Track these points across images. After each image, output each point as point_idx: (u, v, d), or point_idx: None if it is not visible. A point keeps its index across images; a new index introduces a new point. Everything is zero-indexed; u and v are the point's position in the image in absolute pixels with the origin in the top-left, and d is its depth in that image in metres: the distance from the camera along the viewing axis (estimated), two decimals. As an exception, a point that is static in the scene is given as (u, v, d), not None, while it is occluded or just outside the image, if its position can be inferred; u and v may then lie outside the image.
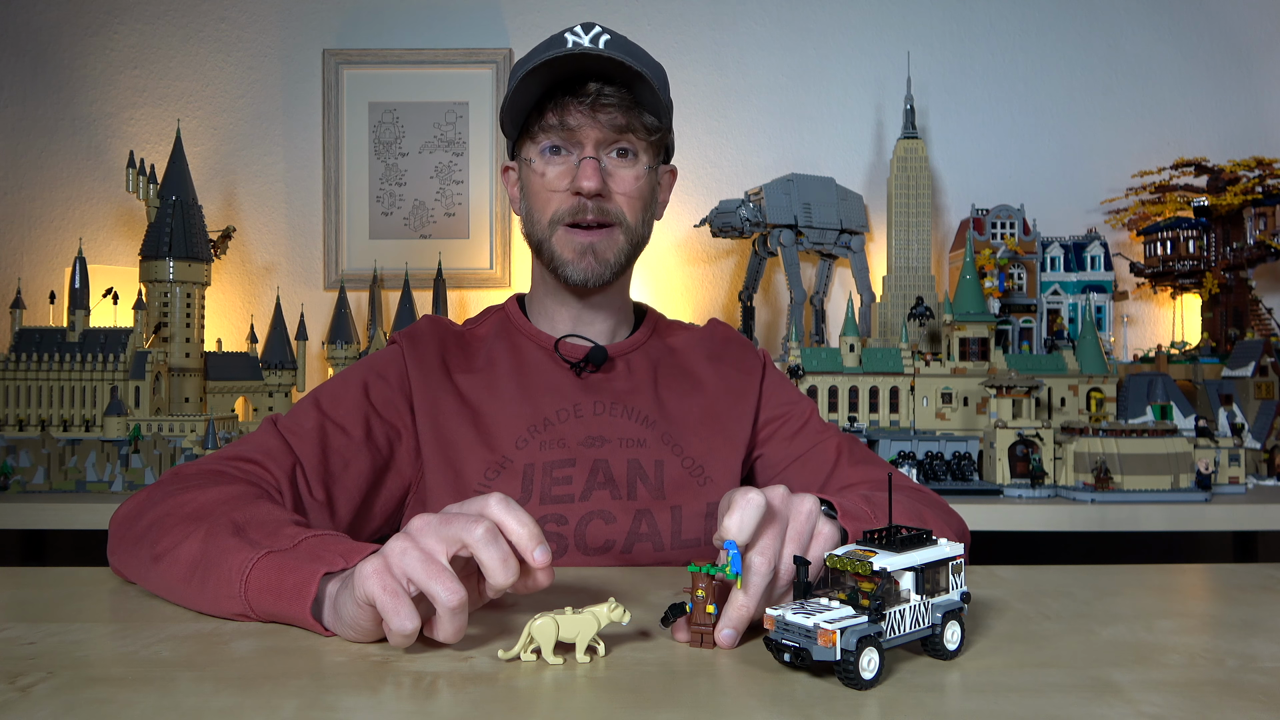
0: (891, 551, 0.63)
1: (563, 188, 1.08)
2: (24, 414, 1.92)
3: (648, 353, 1.19)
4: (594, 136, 1.06)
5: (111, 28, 2.48)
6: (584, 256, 1.09)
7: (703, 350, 1.21)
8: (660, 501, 1.08)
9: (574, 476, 1.07)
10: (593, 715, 0.55)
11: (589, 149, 1.06)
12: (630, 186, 1.09)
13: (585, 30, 1.06)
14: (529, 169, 1.10)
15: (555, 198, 1.08)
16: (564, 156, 1.08)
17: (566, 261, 1.09)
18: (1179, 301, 2.43)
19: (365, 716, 0.54)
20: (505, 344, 1.16)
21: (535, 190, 1.10)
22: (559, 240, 1.09)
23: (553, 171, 1.08)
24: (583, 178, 1.05)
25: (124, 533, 0.90)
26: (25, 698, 0.57)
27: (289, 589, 0.73)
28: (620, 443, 1.09)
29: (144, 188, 2.13)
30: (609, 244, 1.10)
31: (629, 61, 1.01)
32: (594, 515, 1.06)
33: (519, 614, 0.76)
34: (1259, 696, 0.58)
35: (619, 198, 1.09)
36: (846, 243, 2.33)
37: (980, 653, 0.66)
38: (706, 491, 1.10)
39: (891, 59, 2.46)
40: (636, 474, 1.08)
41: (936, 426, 1.95)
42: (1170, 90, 2.49)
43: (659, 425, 1.12)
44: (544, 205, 1.09)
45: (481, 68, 2.47)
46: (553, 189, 1.08)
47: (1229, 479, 1.76)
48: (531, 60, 1.05)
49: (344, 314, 2.31)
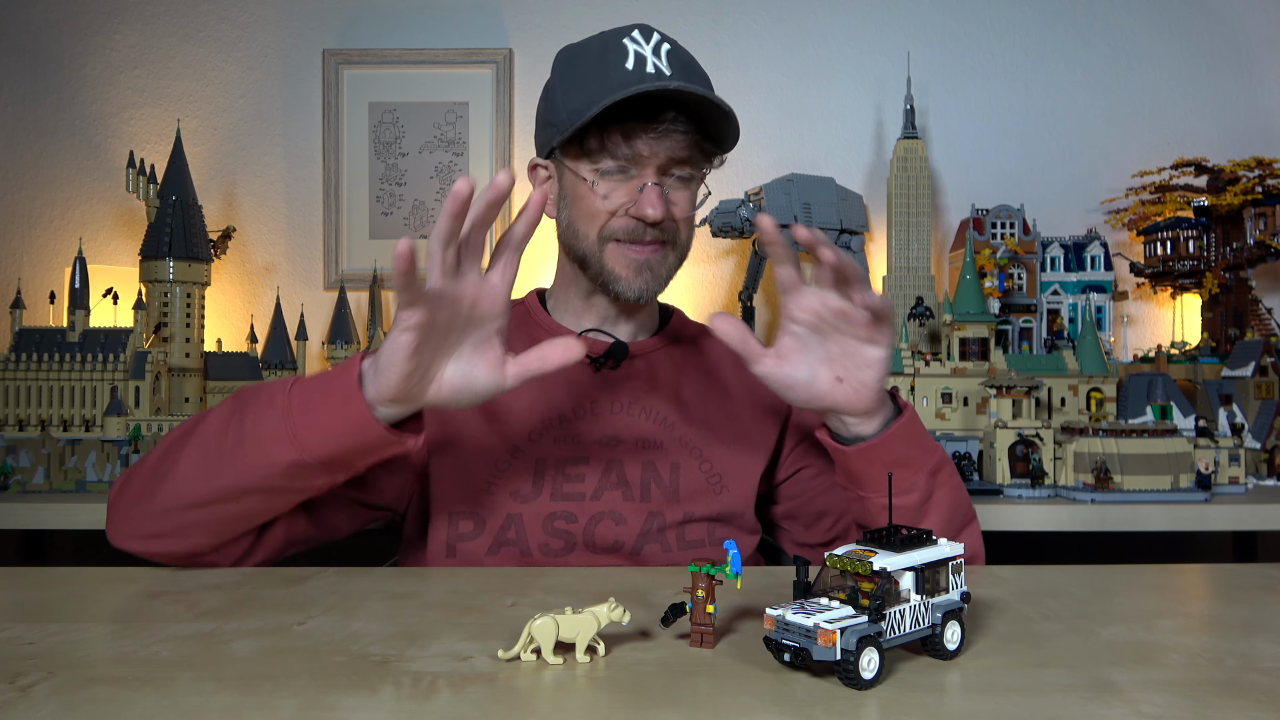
0: (891, 551, 0.63)
1: (620, 206, 1.05)
2: (24, 414, 1.92)
3: (671, 354, 1.17)
4: (656, 163, 1.03)
5: (111, 28, 2.48)
6: (640, 274, 1.07)
7: (730, 355, 1.18)
8: (674, 505, 1.07)
9: (586, 475, 1.06)
10: (593, 715, 0.55)
11: (651, 174, 1.04)
12: (686, 210, 1.08)
13: (645, 37, 1.03)
14: (580, 183, 1.06)
15: (610, 216, 1.06)
16: (623, 178, 1.04)
17: (619, 278, 1.07)
18: (1179, 301, 2.43)
19: (365, 716, 0.54)
20: (523, 337, 1.13)
21: (586, 206, 1.06)
22: (611, 256, 1.07)
23: (614, 193, 1.05)
24: (646, 204, 1.02)
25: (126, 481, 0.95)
26: (25, 698, 0.57)
27: (335, 377, 0.83)
28: (636, 444, 1.08)
29: (144, 188, 2.13)
30: (663, 260, 1.08)
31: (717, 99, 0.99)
32: (604, 515, 1.05)
33: (519, 614, 0.76)
34: (1259, 696, 0.58)
35: (677, 218, 1.07)
36: (846, 243, 2.33)
37: (980, 653, 0.66)
38: (722, 500, 1.08)
39: (891, 59, 2.46)
40: (651, 477, 1.07)
41: (936, 426, 1.95)
42: (1170, 90, 2.48)
43: (678, 428, 1.10)
44: (593, 220, 1.06)
45: (481, 68, 2.47)
46: (610, 210, 1.05)
47: (1229, 479, 1.76)
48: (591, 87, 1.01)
49: (344, 314, 2.31)
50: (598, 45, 1.05)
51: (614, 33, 1.05)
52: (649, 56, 1.02)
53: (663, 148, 1.02)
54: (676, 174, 1.06)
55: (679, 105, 1.01)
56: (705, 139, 1.05)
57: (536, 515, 1.05)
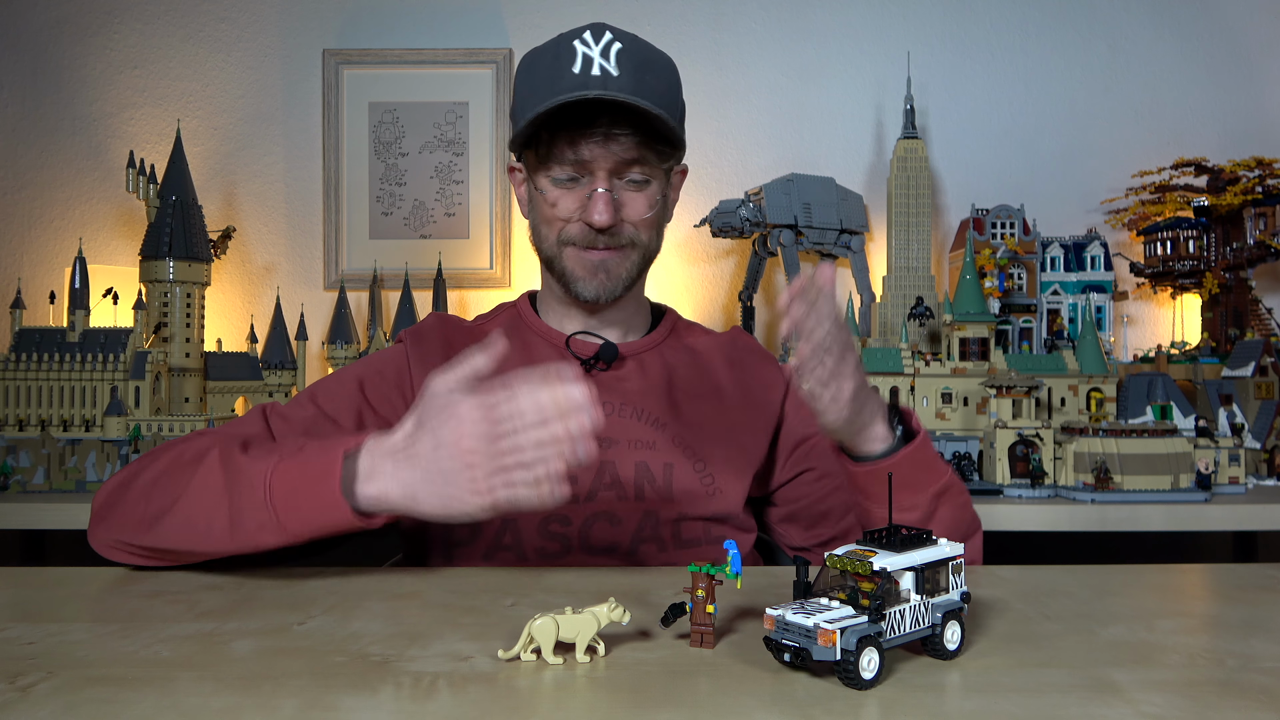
0: (891, 551, 0.63)
1: (574, 216, 1.07)
2: (24, 414, 1.92)
3: (663, 353, 1.17)
4: (606, 167, 1.05)
5: (111, 28, 2.48)
6: (595, 274, 1.09)
7: (722, 356, 1.20)
8: (668, 505, 1.07)
9: (579, 477, 1.06)
10: (593, 715, 0.55)
11: (600, 180, 1.05)
12: (643, 212, 1.09)
13: (595, 38, 1.03)
14: (537, 193, 1.09)
15: (563, 223, 1.08)
16: (574, 185, 1.06)
17: (578, 278, 1.09)
18: (1179, 301, 2.43)
19: (365, 716, 0.54)
20: (516, 341, 1.14)
21: (543, 212, 1.09)
22: (569, 257, 1.09)
23: (564, 201, 1.07)
24: (594, 211, 1.04)
25: (116, 500, 0.93)
26: (25, 698, 0.57)
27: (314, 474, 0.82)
28: (629, 445, 1.08)
29: (144, 188, 2.13)
30: (621, 261, 1.09)
31: (644, 105, 1.00)
32: (599, 517, 1.05)
33: (519, 614, 0.76)
34: (1259, 696, 0.58)
35: (631, 224, 1.08)
36: (846, 243, 2.33)
37: (980, 653, 0.66)
38: (715, 503, 1.08)
39: (891, 59, 2.46)
40: (644, 477, 1.07)
41: (936, 426, 1.95)
42: (1170, 90, 2.48)
43: (670, 428, 1.10)
44: (551, 225, 1.09)
45: (481, 68, 2.47)
46: (564, 217, 1.08)
47: (1229, 479, 1.76)
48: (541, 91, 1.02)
49: (344, 314, 2.31)
50: (553, 48, 1.06)
51: (570, 33, 1.06)
52: (596, 59, 1.02)
53: (608, 152, 1.04)
54: (630, 177, 1.07)
55: (622, 109, 1.02)
56: (655, 139, 1.06)
57: (531, 519, 1.05)
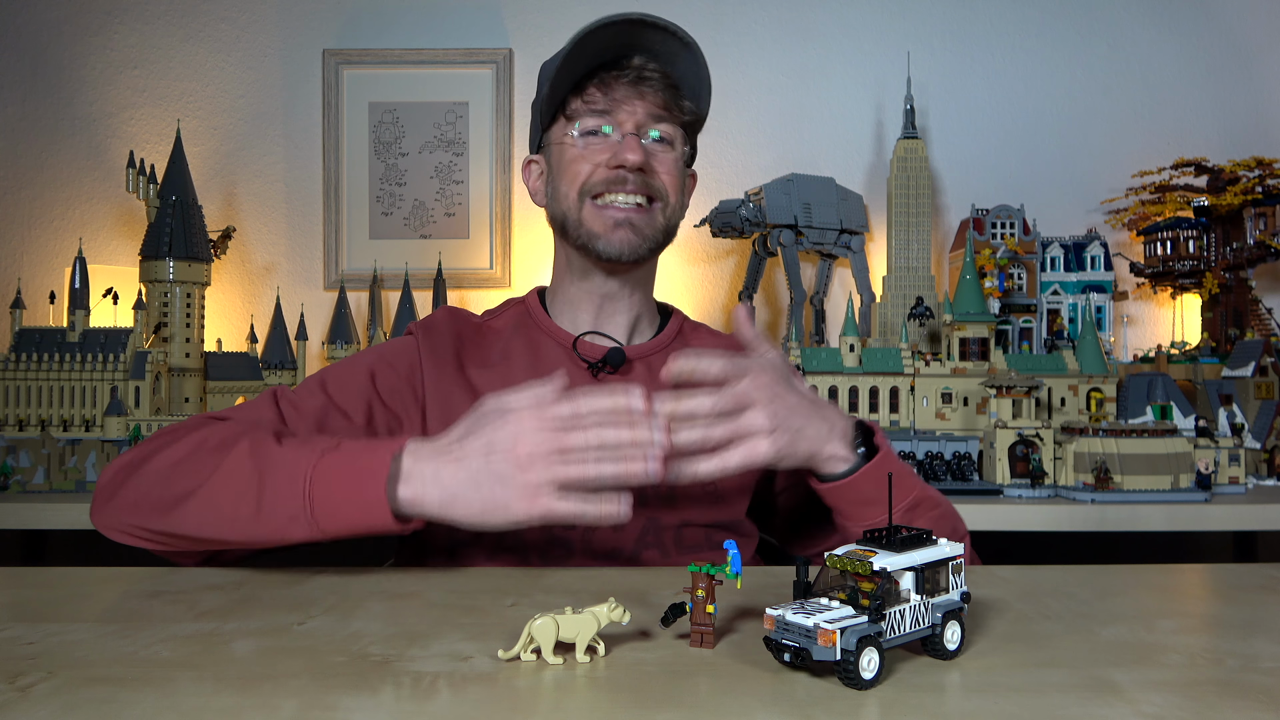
0: (891, 551, 0.63)
1: (601, 161, 1.06)
2: (24, 414, 1.92)
3: (669, 357, 1.17)
4: (636, 115, 1.06)
5: (111, 28, 2.48)
6: (619, 229, 1.07)
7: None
8: (671, 511, 1.06)
9: None
10: (593, 715, 0.55)
11: (629, 127, 1.06)
12: (671, 169, 1.09)
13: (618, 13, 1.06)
14: (561, 146, 1.09)
15: (590, 169, 1.07)
16: (602, 137, 1.07)
17: (598, 234, 1.07)
18: (1179, 301, 2.42)
19: (365, 716, 0.54)
20: (523, 339, 1.14)
21: (567, 164, 1.08)
22: (589, 214, 1.08)
23: (592, 147, 1.07)
24: (627, 150, 1.04)
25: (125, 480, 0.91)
26: (25, 698, 0.57)
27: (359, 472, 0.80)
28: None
29: (144, 188, 2.13)
30: (646, 221, 1.09)
31: (676, 29, 1.02)
32: None
33: (519, 614, 0.76)
34: (1259, 696, 0.58)
35: (662, 175, 1.09)
36: (846, 243, 2.33)
37: (980, 653, 0.66)
38: (718, 511, 1.08)
39: (891, 59, 2.46)
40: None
41: (936, 426, 1.95)
42: (1170, 90, 2.48)
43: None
44: (574, 177, 1.08)
45: (481, 68, 2.47)
46: (591, 161, 1.07)
47: (1229, 479, 1.76)
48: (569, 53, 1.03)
49: (344, 314, 2.31)
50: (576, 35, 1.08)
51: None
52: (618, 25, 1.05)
53: (640, 96, 1.05)
54: (655, 132, 1.08)
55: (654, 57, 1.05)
56: (684, 96, 1.08)
57: None
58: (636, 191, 1.07)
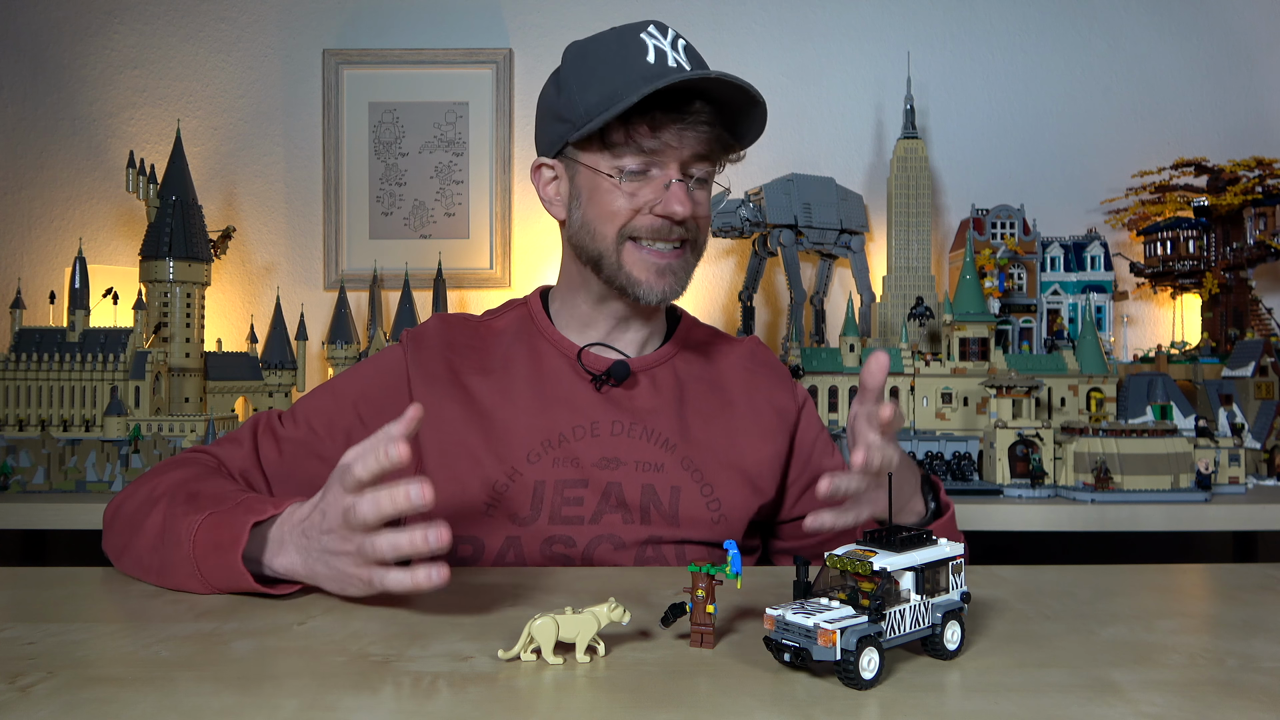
0: (891, 551, 0.63)
1: (644, 205, 1.03)
2: (24, 414, 1.92)
3: (675, 368, 1.14)
4: (682, 156, 1.03)
5: (111, 28, 2.48)
6: (663, 277, 1.06)
7: (737, 369, 1.17)
8: (673, 528, 1.05)
9: (585, 498, 1.04)
10: (593, 715, 0.55)
11: (674, 170, 1.03)
12: (705, 210, 1.08)
13: (661, 33, 1.03)
14: (600, 179, 1.04)
15: (631, 213, 1.04)
16: (647, 176, 1.03)
17: (639, 281, 1.05)
18: (1179, 301, 2.42)
19: (365, 716, 0.54)
20: (525, 346, 1.12)
21: (607, 204, 1.04)
22: (630, 257, 1.05)
23: (640, 191, 1.03)
24: (675, 201, 1.01)
25: (109, 523, 0.96)
26: (25, 698, 0.57)
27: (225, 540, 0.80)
28: (636, 466, 1.06)
29: (144, 188, 2.13)
30: (684, 264, 1.08)
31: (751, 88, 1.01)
32: (603, 539, 1.04)
33: (519, 614, 0.76)
34: (1259, 696, 0.58)
35: (700, 219, 1.07)
36: (846, 243, 2.33)
37: (980, 653, 0.66)
38: (719, 530, 1.07)
39: (891, 59, 2.46)
40: (650, 500, 1.05)
41: (936, 426, 1.95)
42: (1170, 90, 2.48)
43: (679, 449, 1.08)
44: (613, 219, 1.04)
45: (481, 68, 2.47)
46: (636, 207, 1.03)
47: (1229, 479, 1.76)
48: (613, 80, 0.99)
49: (344, 314, 2.31)
50: (613, 39, 1.04)
51: (628, 28, 1.04)
52: (669, 51, 1.01)
53: (688, 140, 1.02)
54: (696, 173, 1.05)
55: (704, 98, 1.02)
56: (728, 134, 1.06)
57: (535, 538, 1.03)
58: (679, 238, 1.06)
